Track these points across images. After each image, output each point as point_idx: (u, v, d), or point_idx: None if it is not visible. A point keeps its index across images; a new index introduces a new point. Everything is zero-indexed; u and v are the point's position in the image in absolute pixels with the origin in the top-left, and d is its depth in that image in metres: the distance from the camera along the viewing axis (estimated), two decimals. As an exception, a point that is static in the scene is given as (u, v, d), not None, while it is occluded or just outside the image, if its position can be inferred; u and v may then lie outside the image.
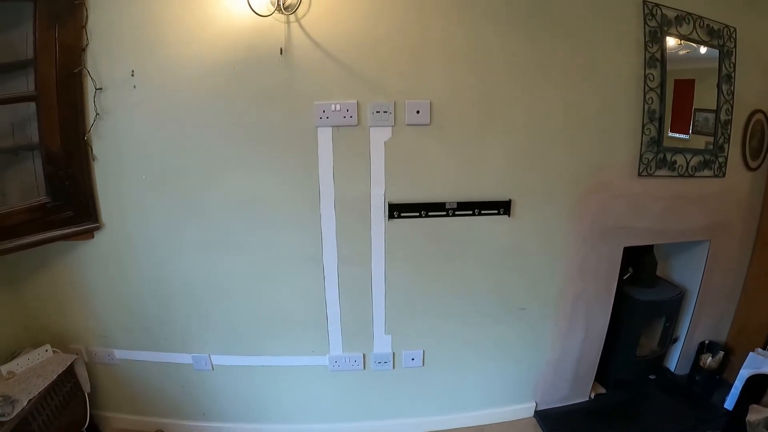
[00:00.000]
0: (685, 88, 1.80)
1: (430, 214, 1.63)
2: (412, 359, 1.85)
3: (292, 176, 1.57)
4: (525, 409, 2.05)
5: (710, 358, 2.16)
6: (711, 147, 1.89)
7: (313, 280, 1.69)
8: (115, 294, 1.71)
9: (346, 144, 1.54)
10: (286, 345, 1.79)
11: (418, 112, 1.53)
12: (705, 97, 1.84)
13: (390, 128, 1.54)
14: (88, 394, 1.74)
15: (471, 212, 1.65)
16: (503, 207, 1.66)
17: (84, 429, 1.74)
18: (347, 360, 1.81)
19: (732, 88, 1.87)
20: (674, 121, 1.78)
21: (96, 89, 1.46)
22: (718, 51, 1.81)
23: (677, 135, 1.81)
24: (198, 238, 1.63)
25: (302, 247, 1.65)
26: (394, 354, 1.84)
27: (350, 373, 1.85)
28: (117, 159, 1.55)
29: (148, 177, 1.57)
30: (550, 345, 1.94)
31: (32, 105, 1.44)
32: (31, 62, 1.39)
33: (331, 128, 1.52)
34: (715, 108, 1.86)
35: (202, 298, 1.71)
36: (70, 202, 1.54)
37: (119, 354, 1.82)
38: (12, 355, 1.62)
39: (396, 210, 1.61)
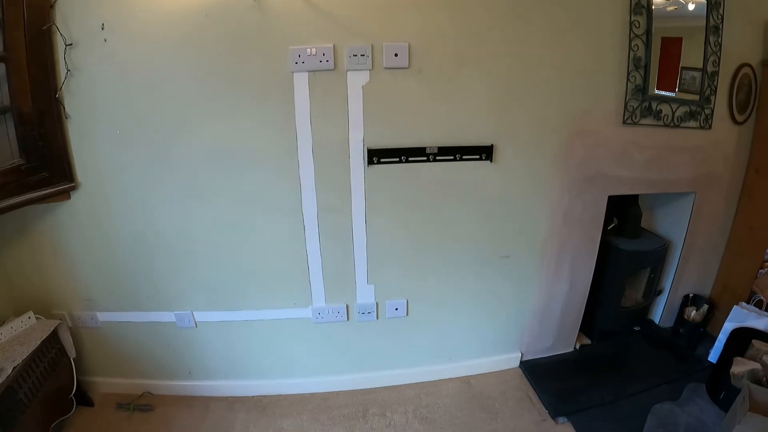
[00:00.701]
0: (673, 46, 1.77)
1: (410, 159, 1.61)
2: (396, 309, 1.85)
3: (269, 124, 1.53)
4: (511, 359, 2.07)
5: (694, 311, 2.18)
6: (698, 100, 1.86)
7: (293, 230, 1.67)
8: (94, 255, 1.69)
9: (323, 89, 1.50)
10: (269, 298, 1.78)
11: (396, 55, 1.48)
12: (692, 55, 1.81)
13: (368, 72, 1.50)
14: (73, 359, 1.74)
15: (452, 157, 1.63)
16: (485, 152, 1.64)
17: (71, 395, 1.74)
18: (330, 311, 1.81)
19: (719, 40, 1.83)
20: (661, 79, 1.75)
21: (66, 45, 1.41)
22: (705, 2, 1.77)
23: (664, 93, 1.79)
24: (174, 193, 1.61)
25: (281, 197, 1.62)
26: (377, 304, 1.84)
27: (334, 325, 1.85)
28: (90, 116, 1.51)
29: (122, 132, 1.53)
30: (535, 294, 1.95)
31: (1, 67, 1.38)
32: None
33: (307, 73, 1.48)
34: (701, 66, 1.83)
35: (181, 253, 1.69)
36: (45, 163, 1.51)
37: (102, 317, 1.80)
38: None
39: (375, 155, 1.59)
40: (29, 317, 1.64)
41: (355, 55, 1.47)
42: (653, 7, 1.65)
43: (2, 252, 1.68)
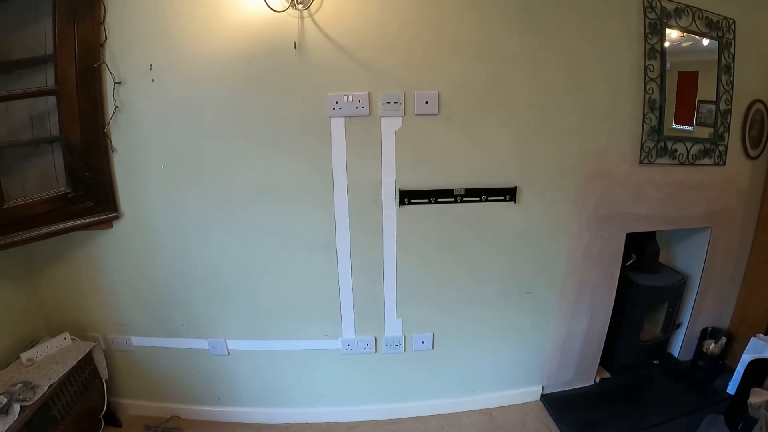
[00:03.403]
0: (689, 80, 1.84)
1: (439, 200, 1.69)
2: (422, 342, 1.90)
3: (307, 164, 1.63)
4: (532, 393, 2.10)
5: (713, 344, 2.19)
6: (711, 136, 1.93)
7: (326, 265, 1.74)
8: (132, 282, 1.76)
9: (358, 133, 1.60)
10: (301, 329, 1.84)
11: (426, 102, 1.58)
12: (709, 89, 1.88)
13: (400, 118, 1.60)
14: (105, 380, 1.80)
15: (478, 198, 1.70)
16: (509, 193, 1.72)
17: (101, 415, 1.79)
18: (359, 343, 1.87)
19: (731, 79, 1.91)
20: (678, 113, 1.82)
21: (115, 83, 1.52)
22: (717, 42, 1.86)
23: (681, 127, 1.85)
24: (215, 227, 1.69)
25: (316, 233, 1.70)
26: (404, 337, 1.89)
27: (362, 356, 1.90)
28: (136, 150, 1.60)
29: (166, 167, 1.62)
30: (555, 328, 1.99)
31: (51, 99, 1.48)
32: (51, 57, 1.44)
33: (343, 118, 1.58)
34: (715, 101, 1.89)
35: (217, 284, 1.76)
36: (90, 193, 1.59)
37: (136, 341, 1.87)
38: (31, 343, 1.67)
39: (406, 197, 1.67)
40: (65, 338, 1.71)
41: (389, 102, 1.57)
42: (668, 45, 1.72)
43: (43, 274, 1.75)
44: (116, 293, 1.79)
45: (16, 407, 1.35)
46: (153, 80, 1.53)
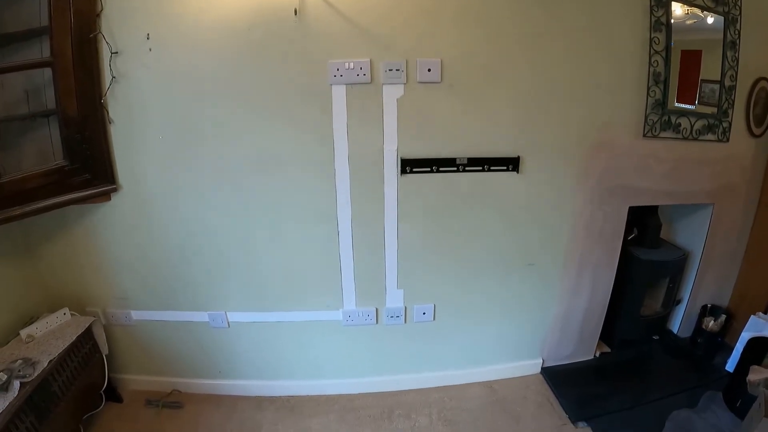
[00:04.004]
0: (692, 59, 1.82)
1: (441, 169, 1.68)
2: (424, 313, 1.91)
3: (307, 133, 1.61)
4: (532, 366, 2.11)
5: (712, 321, 2.20)
6: (715, 113, 1.91)
7: (327, 235, 1.74)
8: (131, 255, 1.76)
9: (360, 101, 1.58)
10: (301, 300, 1.84)
11: (429, 70, 1.56)
12: (711, 68, 1.86)
13: (402, 86, 1.58)
14: (105, 356, 1.80)
15: (481, 168, 1.69)
16: (512, 163, 1.71)
17: (102, 390, 1.80)
18: (360, 314, 1.87)
19: (736, 55, 1.89)
20: (681, 92, 1.80)
21: (112, 53, 1.49)
22: (723, 18, 1.83)
23: (684, 105, 1.83)
24: (214, 197, 1.68)
25: (317, 202, 1.69)
26: (405, 308, 1.90)
27: (363, 328, 1.91)
28: (133, 121, 1.58)
29: (165, 138, 1.60)
30: (557, 301, 2.00)
31: (47, 72, 1.46)
32: (46, 29, 1.41)
33: (345, 86, 1.56)
34: (720, 80, 1.87)
35: (217, 255, 1.76)
36: (87, 165, 1.58)
37: (136, 315, 1.87)
38: (31, 320, 1.66)
39: (408, 165, 1.66)
40: (64, 313, 1.70)
41: (391, 70, 1.55)
42: (672, 21, 1.70)
43: (41, 249, 1.74)
44: (115, 267, 1.78)
45: (16, 384, 1.35)
46: (150, 50, 1.51)
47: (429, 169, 1.67)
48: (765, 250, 2.14)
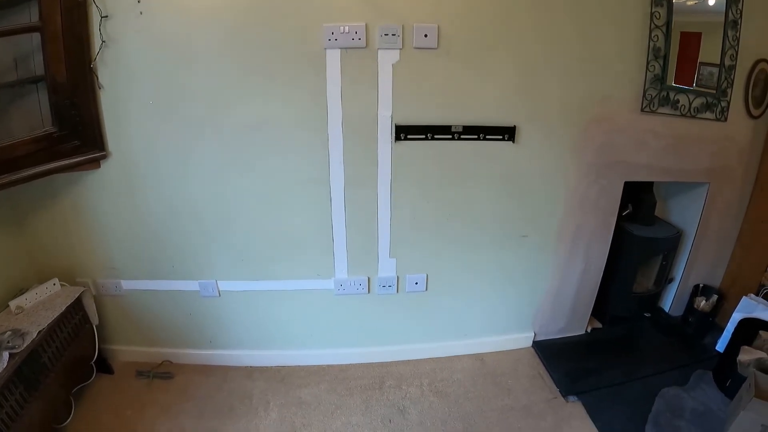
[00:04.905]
0: (692, 41, 1.80)
1: (436, 136, 1.66)
2: (416, 283, 1.90)
3: (301, 98, 1.58)
4: (524, 339, 2.12)
5: (704, 300, 2.21)
6: (714, 92, 1.90)
7: (319, 202, 1.72)
8: (121, 223, 1.73)
9: (354, 66, 1.55)
10: (293, 269, 1.83)
11: (426, 35, 1.53)
12: (711, 51, 1.84)
13: (398, 51, 1.55)
14: (96, 327, 1.78)
15: (476, 137, 1.67)
16: (508, 133, 1.69)
17: (92, 362, 1.79)
18: (352, 283, 1.87)
19: (737, 35, 1.86)
20: (679, 73, 1.79)
21: (101, 17, 1.45)
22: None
23: (681, 86, 1.82)
24: (206, 163, 1.65)
25: (310, 169, 1.67)
26: (398, 278, 1.89)
27: (355, 297, 1.90)
28: (123, 87, 1.55)
29: (155, 103, 1.57)
30: (549, 274, 2.00)
31: (35, 38, 1.42)
32: None
33: (339, 50, 1.53)
34: (719, 62, 1.85)
35: (209, 223, 1.74)
36: (77, 132, 1.54)
37: (126, 285, 1.85)
38: (20, 291, 1.64)
39: (403, 132, 1.64)
40: (54, 284, 1.68)
41: (387, 35, 1.52)
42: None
43: (29, 219, 1.72)
44: (105, 236, 1.76)
45: (5, 355, 1.33)
46: (141, 13, 1.46)
47: (424, 136, 1.65)
48: (759, 232, 2.14)
